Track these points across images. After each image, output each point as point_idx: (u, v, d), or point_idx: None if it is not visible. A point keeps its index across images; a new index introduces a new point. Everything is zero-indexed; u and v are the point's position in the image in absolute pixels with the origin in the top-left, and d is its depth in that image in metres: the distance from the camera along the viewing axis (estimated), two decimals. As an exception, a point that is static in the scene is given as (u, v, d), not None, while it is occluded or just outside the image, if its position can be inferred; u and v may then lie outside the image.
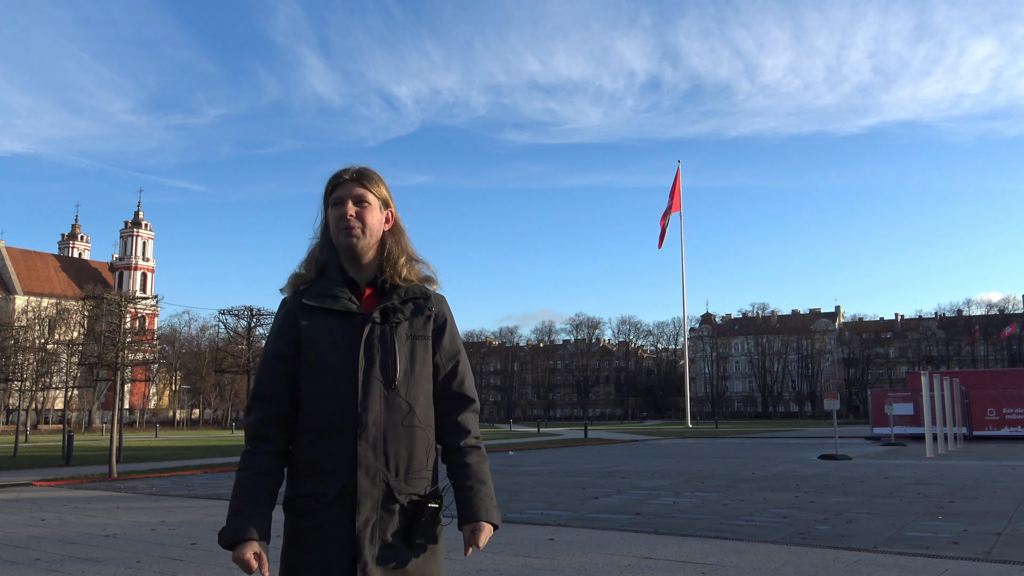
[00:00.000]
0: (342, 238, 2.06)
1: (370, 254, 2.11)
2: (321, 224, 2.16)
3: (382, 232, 2.13)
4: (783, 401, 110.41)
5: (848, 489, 13.28)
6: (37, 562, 7.46)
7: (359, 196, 2.08)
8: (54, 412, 76.15)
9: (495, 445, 31.59)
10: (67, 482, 16.64)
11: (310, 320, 2.02)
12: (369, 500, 1.92)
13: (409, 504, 1.96)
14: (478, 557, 7.12)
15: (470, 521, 2.02)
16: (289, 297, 2.11)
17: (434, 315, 2.12)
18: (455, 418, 2.12)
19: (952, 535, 8.25)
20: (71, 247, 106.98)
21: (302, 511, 1.95)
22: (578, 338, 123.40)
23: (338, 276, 2.08)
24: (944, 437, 25.26)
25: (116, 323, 22.72)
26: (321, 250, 2.13)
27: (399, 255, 2.12)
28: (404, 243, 2.16)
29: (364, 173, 2.12)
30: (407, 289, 2.09)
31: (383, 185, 2.15)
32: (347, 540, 1.90)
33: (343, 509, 1.92)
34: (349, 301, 2.03)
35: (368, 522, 1.91)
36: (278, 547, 2.06)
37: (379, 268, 2.11)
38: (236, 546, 1.91)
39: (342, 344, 1.99)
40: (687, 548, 7.73)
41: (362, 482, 1.92)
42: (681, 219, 69.54)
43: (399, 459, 1.97)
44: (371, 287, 2.10)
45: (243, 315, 22.37)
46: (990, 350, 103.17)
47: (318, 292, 2.05)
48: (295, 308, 2.06)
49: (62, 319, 71.57)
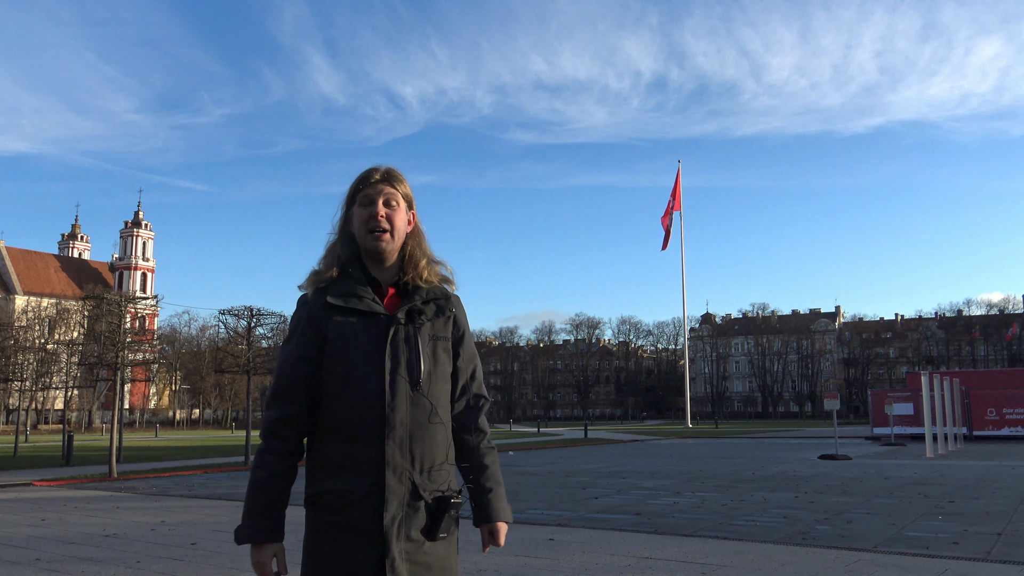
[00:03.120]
0: (370, 239, 2.08)
1: (394, 256, 2.13)
2: (341, 220, 2.16)
3: (405, 235, 2.15)
4: (783, 401, 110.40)
5: (848, 489, 13.27)
6: (37, 562, 7.46)
7: (388, 197, 2.10)
8: (54, 412, 76.15)
9: (495, 445, 31.58)
10: (67, 482, 16.64)
11: (335, 320, 2.03)
12: (396, 498, 1.96)
13: (433, 500, 2.01)
14: (478, 557, 7.12)
15: (489, 522, 2.12)
16: (310, 295, 2.10)
17: (454, 317, 2.15)
18: (475, 419, 2.20)
19: (952, 535, 8.25)
20: (71, 247, 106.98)
21: (327, 507, 1.97)
22: (578, 338, 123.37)
23: (361, 276, 2.08)
24: (944, 437, 25.26)
25: (116, 323, 22.69)
26: (343, 247, 2.12)
27: (420, 257, 2.14)
28: (424, 245, 2.18)
29: (393, 174, 2.14)
30: (428, 290, 2.11)
31: (408, 189, 2.17)
32: (374, 537, 1.93)
33: (370, 506, 1.94)
34: (373, 301, 2.05)
35: (395, 519, 1.95)
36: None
37: (400, 269, 2.13)
38: (254, 549, 1.96)
39: (368, 344, 2.01)
40: (687, 548, 7.73)
41: (390, 481, 1.95)
42: (681, 219, 69.70)
43: (424, 457, 2.01)
44: (393, 287, 2.12)
45: (243, 315, 22.33)
46: (990, 350, 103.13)
47: (342, 291, 2.05)
48: (318, 307, 2.06)
49: (62, 319, 71.59)
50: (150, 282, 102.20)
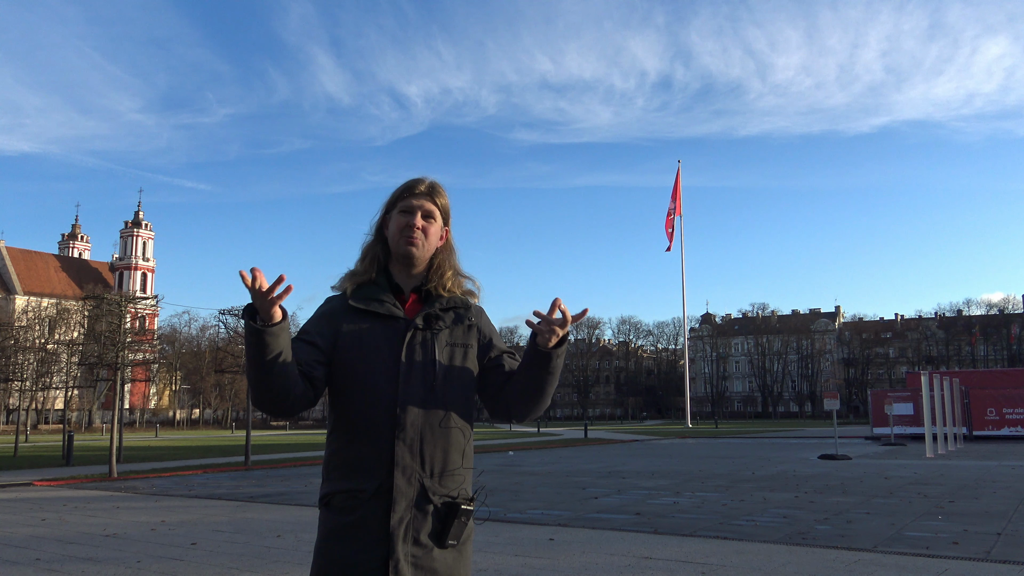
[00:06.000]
0: (403, 245, 2.14)
1: (423, 265, 2.19)
2: (377, 223, 2.22)
3: (436, 247, 2.21)
4: (783, 401, 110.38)
5: (848, 489, 13.27)
6: (37, 562, 7.46)
7: (428, 211, 2.17)
8: (54, 412, 76.13)
9: (495, 445, 31.61)
10: (67, 482, 16.64)
11: (354, 322, 2.08)
12: (404, 499, 1.97)
13: (443, 505, 2.01)
14: (478, 557, 7.12)
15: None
16: (336, 296, 2.17)
17: (477, 326, 2.20)
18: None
19: (952, 535, 8.25)
20: (71, 247, 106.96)
21: (339, 507, 2.00)
22: (578, 338, 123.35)
23: (384, 281, 2.15)
24: (944, 437, 25.25)
25: (116, 323, 22.71)
26: (381, 251, 2.20)
27: (447, 269, 2.21)
28: (453, 259, 2.25)
29: (436, 189, 2.21)
30: (449, 299, 2.17)
31: (448, 204, 2.24)
32: (381, 537, 1.95)
33: (378, 507, 1.96)
34: (393, 306, 2.10)
35: (402, 521, 1.96)
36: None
37: (425, 278, 2.19)
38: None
39: (384, 347, 2.05)
40: (687, 548, 7.73)
41: (398, 481, 1.97)
42: (681, 220, 69.55)
43: (435, 460, 2.02)
44: (415, 293, 2.18)
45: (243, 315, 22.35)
46: (990, 350, 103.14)
47: (365, 295, 2.11)
48: (339, 308, 2.12)
49: (62, 319, 71.47)
50: (150, 282, 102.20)
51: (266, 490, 14.56)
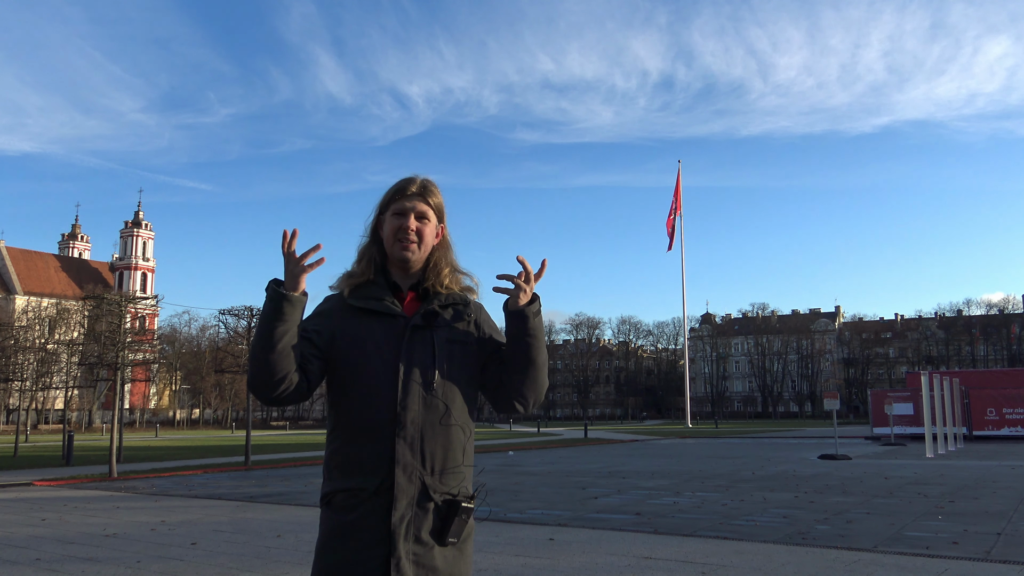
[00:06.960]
0: (398, 250, 2.13)
1: (419, 265, 2.19)
2: (372, 224, 2.21)
3: (432, 246, 2.20)
4: (783, 401, 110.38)
5: (848, 489, 13.28)
6: (37, 562, 7.46)
7: (422, 212, 2.15)
8: (54, 412, 76.11)
9: (495, 445, 31.60)
10: (67, 482, 16.65)
11: (352, 320, 2.08)
12: (405, 497, 1.97)
13: (443, 503, 2.01)
14: (478, 557, 7.12)
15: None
16: (334, 295, 2.18)
17: (475, 321, 2.19)
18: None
19: (952, 535, 8.25)
20: (71, 247, 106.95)
21: (340, 506, 2.00)
22: (578, 338, 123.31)
23: (383, 280, 2.15)
24: (944, 437, 25.26)
25: (116, 323, 22.72)
26: (377, 251, 2.19)
27: (444, 266, 2.20)
28: (450, 256, 2.24)
29: (428, 187, 2.19)
30: (447, 295, 2.16)
31: (441, 201, 2.23)
32: (382, 536, 1.95)
33: (379, 505, 1.96)
34: (392, 304, 2.10)
35: (404, 519, 1.96)
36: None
37: (423, 276, 2.19)
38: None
39: (383, 345, 2.05)
40: (687, 548, 7.73)
41: (399, 479, 1.97)
42: (681, 220, 69.60)
43: (435, 458, 2.02)
44: (413, 291, 2.17)
45: (243, 315, 22.34)
46: (990, 350, 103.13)
47: (363, 295, 2.12)
48: (337, 307, 2.12)
49: (62, 319, 71.43)
50: (150, 282, 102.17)
51: (266, 490, 14.56)
